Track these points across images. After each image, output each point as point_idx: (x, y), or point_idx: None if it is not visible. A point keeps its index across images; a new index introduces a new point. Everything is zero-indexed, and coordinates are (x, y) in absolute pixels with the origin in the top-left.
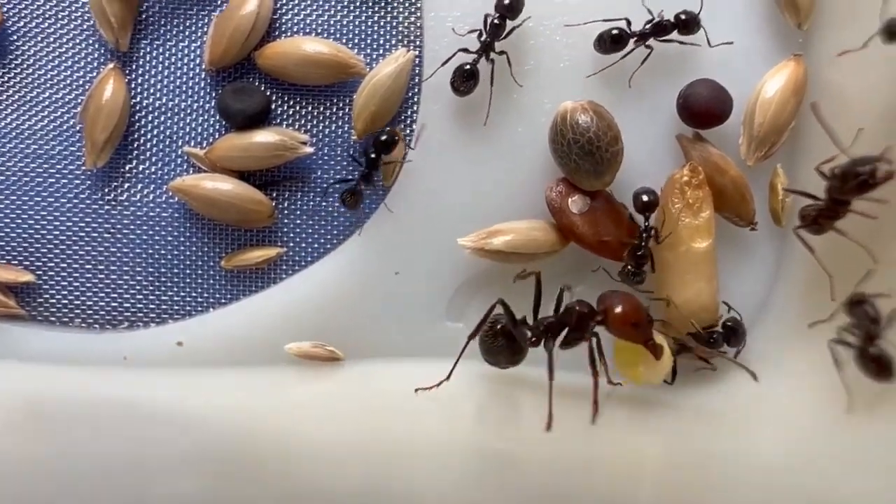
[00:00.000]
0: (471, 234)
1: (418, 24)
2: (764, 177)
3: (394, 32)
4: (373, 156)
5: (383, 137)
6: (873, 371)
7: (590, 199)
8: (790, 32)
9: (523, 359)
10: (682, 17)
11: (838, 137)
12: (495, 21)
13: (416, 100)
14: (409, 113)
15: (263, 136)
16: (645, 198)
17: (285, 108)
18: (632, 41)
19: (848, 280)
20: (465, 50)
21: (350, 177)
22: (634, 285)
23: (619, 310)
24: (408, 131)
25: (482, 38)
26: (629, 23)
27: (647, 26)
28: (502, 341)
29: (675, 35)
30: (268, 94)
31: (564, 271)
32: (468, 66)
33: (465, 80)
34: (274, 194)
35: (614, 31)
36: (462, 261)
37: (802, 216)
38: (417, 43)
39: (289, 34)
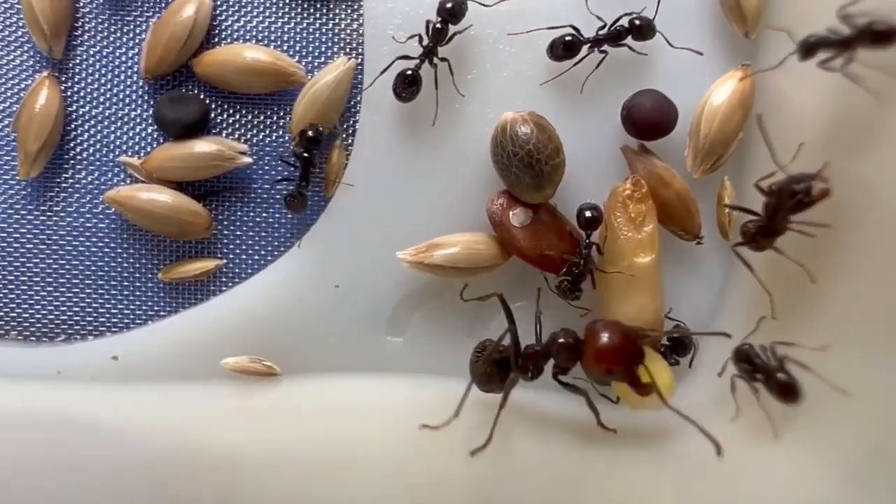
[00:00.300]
0: (411, 247)
1: (360, 32)
2: (712, 189)
3: (336, 40)
4: (305, 155)
5: (309, 133)
6: (778, 395)
7: (532, 212)
8: (739, 42)
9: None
10: (638, 22)
11: (776, 152)
12: (437, 25)
13: (357, 109)
14: (350, 122)
15: (201, 146)
16: (588, 214)
17: (225, 116)
18: (585, 48)
19: (790, 298)
20: (406, 57)
21: (290, 177)
22: (570, 301)
23: (591, 352)
24: (350, 141)
25: (424, 44)
26: (576, 30)
27: (602, 32)
28: (495, 369)
29: (628, 41)
30: (206, 102)
31: (506, 285)
32: (410, 72)
33: (407, 86)
34: (213, 205)
35: (567, 38)
36: (403, 274)
37: (743, 233)
38: (360, 51)
39: (228, 41)
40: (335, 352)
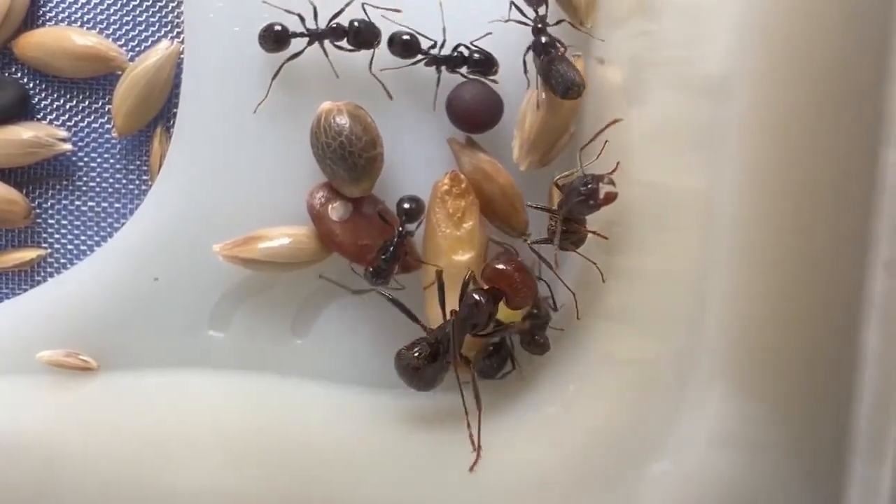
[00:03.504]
0: (230, 239)
1: None
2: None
3: (163, 23)
4: None
5: None
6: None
7: (352, 207)
8: (574, 31)
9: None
10: (476, 56)
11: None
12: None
13: None
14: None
15: (17, 132)
16: (407, 205)
17: (49, 101)
18: (421, 57)
19: (597, 294)
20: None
21: None
22: (376, 285)
23: (515, 290)
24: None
25: (314, 29)
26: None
27: (440, 52)
28: (427, 364)
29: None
30: (24, 86)
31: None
32: (279, 28)
33: (273, 41)
34: (36, 193)
35: (405, 37)
36: (225, 267)
37: (547, 230)
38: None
39: (53, 23)
40: (155, 346)
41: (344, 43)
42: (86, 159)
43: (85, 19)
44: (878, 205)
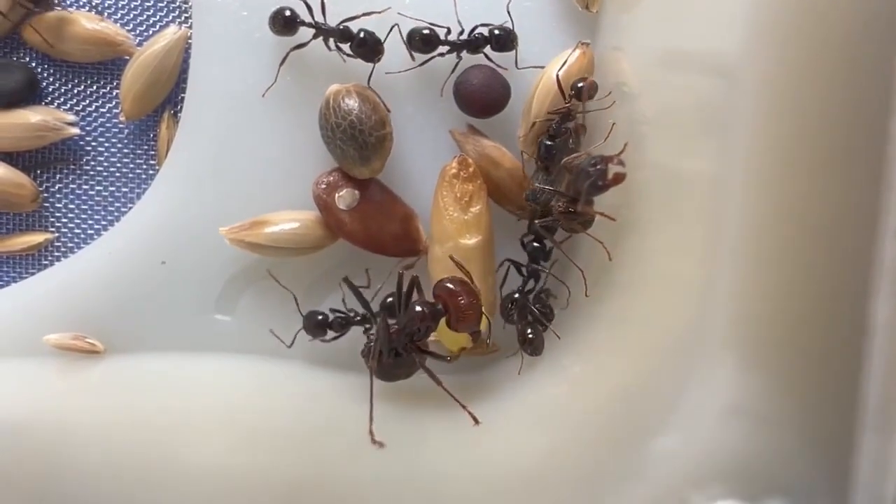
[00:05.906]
0: (236, 223)
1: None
2: None
3: (171, 7)
4: None
5: None
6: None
7: (359, 194)
8: (582, 16)
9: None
10: (497, 32)
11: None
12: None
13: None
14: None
15: (25, 116)
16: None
17: (57, 86)
18: (443, 48)
19: (604, 274)
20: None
21: None
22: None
23: (463, 302)
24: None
25: (321, 25)
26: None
27: (460, 38)
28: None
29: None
30: (33, 70)
31: (338, 265)
32: (289, 13)
33: (281, 25)
34: (44, 177)
35: (425, 31)
36: (232, 251)
37: (555, 211)
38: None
39: (61, 7)
40: (162, 330)
41: (346, 47)
42: (93, 143)
43: (93, 3)
44: (889, 176)
